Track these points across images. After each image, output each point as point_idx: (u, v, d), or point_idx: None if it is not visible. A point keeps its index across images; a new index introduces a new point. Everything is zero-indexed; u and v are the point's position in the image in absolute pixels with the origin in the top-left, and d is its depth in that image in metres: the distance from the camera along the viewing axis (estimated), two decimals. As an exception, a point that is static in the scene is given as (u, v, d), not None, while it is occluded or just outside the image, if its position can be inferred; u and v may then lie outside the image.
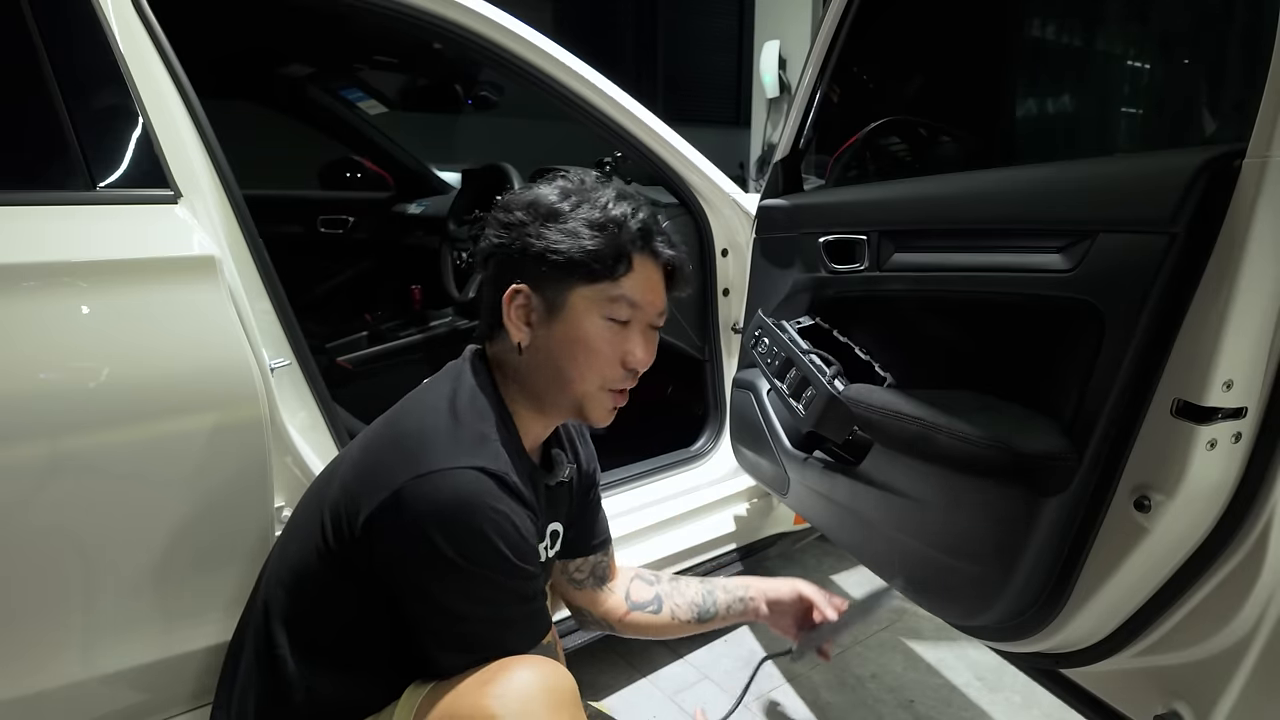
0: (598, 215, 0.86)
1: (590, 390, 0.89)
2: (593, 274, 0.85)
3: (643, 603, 1.17)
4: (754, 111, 5.54)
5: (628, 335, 0.88)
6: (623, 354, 0.88)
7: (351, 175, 2.91)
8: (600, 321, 0.86)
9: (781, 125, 1.64)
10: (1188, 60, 1.41)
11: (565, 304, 0.86)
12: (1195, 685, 0.93)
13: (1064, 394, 0.95)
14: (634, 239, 0.86)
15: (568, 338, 0.87)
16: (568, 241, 0.84)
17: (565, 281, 0.86)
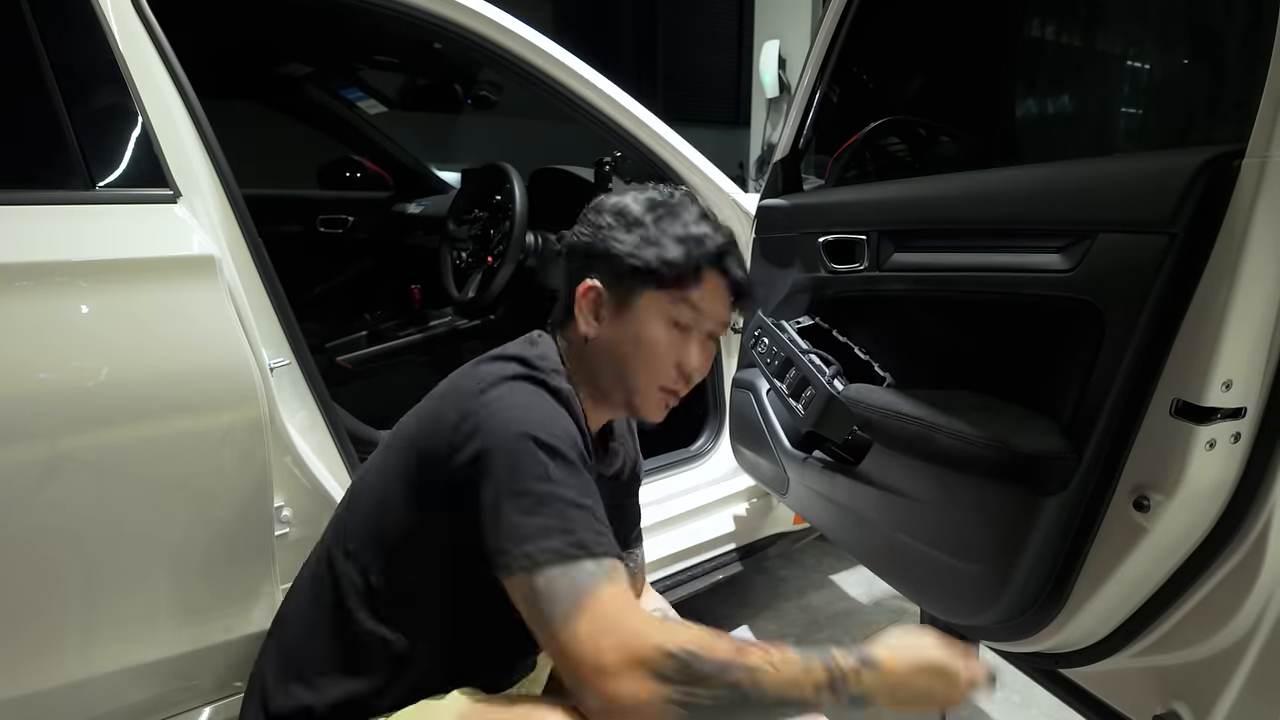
0: (680, 230, 0.91)
1: (646, 388, 0.93)
2: (665, 281, 0.90)
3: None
4: (754, 111, 5.55)
5: (687, 341, 0.93)
6: (680, 358, 0.92)
7: (351, 175, 2.91)
8: (664, 326, 0.91)
9: (781, 125, 1.64)
10: (1187, 60, 1.41)
11: (634, 304, 0.91)
12: (1194, 685, 0.94)
13: (1063, 394, 0.95)
14: (710, 256, 0.91)
15: (632, 336, 0.91)
16: (647, 249, 0.90)
17: (638, 284, 0.91)
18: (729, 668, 0.72)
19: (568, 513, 0.77)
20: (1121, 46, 1.58)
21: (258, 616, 1.09)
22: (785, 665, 0.74)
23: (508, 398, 0.82)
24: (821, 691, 0.75)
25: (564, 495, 0.77)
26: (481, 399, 0.82)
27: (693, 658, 0.71)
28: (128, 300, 0.95)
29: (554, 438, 0.80)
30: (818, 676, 0.75)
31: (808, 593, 2.09)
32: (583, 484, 0.80)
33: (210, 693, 1.12)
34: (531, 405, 0.83)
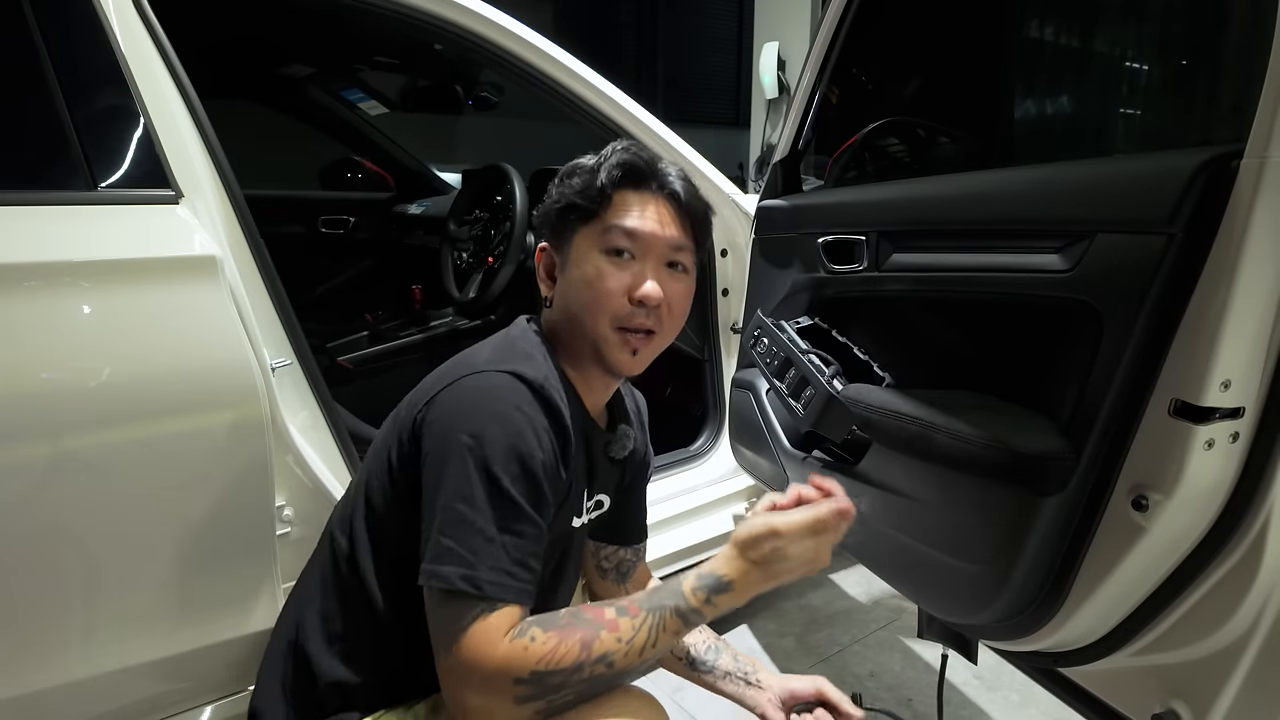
0: (591, 162, 0.91)
1: (603, 332, 0.88)
2: (583, 212, 0.89)
3: None
4: (753, 112, 5.54)
5: (633, 269, 0.88)
6: (628, 287, 0.87)
7: (352, 175, 2.91)
8: (600, 256, 0.88)
9: (780, 126, 1.64)
10: (1186, 61, 1.42)
11: (570, 247, 0.90)
12: (1193, 684, 0.94)
13: (1062, 394, 0.95)
14: (612, 170, 0.89)
15: (575, 279, 0.89)
16: (564, 188, 0.91)
17: (567, 226, 0.90)
18: (581, 667, 0.74)
19: (475, 543, 0.75)
20: (1120, 47, 1.58)
21: (259, 616, 1.09)
22: (639, 633, 0.77)
23: (468, 395, 0.81)
24: (681, 634, 0.80)
25: (478, 524, 0.75)
26: (444, 393, 0.82)
27: (543, 675, 0.73)
28: (130, 300, 0.96)
29: (495, 452, 0.77)
30: (673, 626, 0.79)
31: (807, 592, 2.09)
32: (508, 511, 0.76)
33: (211, 692, 1.13)
34: (488, 405, 0.80)
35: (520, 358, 0.85)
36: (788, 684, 1.07)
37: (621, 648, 0.76)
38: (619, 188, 0.89)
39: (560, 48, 1.63)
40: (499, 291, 2.03)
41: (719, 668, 1.11)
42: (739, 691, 1.09)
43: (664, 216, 0.90)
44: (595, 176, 0.89)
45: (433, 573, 0.75)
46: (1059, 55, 1.66)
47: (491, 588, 0.74)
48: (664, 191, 0.90)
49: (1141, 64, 1.55)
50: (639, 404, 1.13)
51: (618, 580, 1.15)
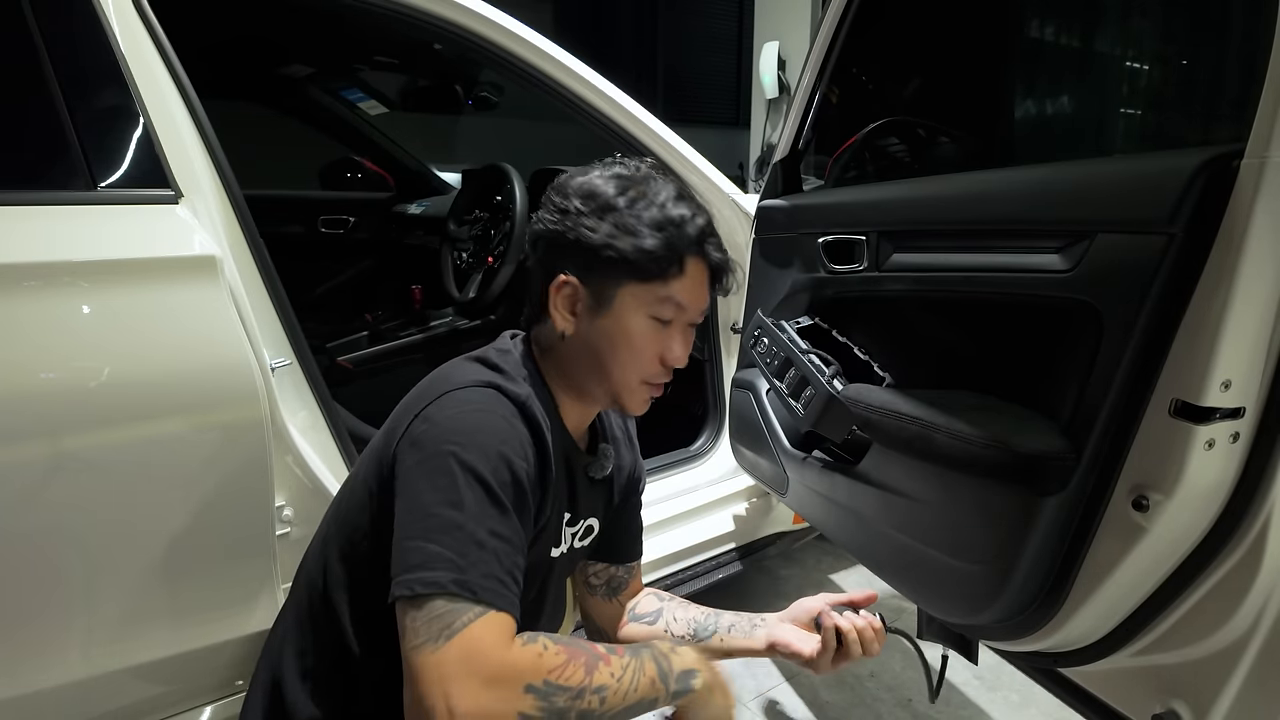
0: (657, 214, 0.85)
1: (629, 383, 0.89)
2: (645, 273, 0.85)
3: (642, 614, 1.12)
4: (753, 112, 5.55)
5: (669, 334, 0.89)
6: (662, 351, 0.88)
7: (352, 175, 2.91)
8: (645, 320, 0.87)
9: (781, 126, 1.64)
10: (1186, 61, 1.42)
11: (613, 299, 0.86)
12: (1193, 684, 0.94)
13: (1062, 394, 0.95)
14: (691, 243, 0.86)
15: (611, 332, 0.87)
16: (624, 239, 0.84)
17: (616, 277, 0.85)
18: (582, 694, 0.73)
19: (465, 548, 0.71)
20: (1120, 47, 1.58)
21: (259, 616, 1.09)
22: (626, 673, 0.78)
23: (452, 407, 0.79)
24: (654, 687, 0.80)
25: (468, 528, 0.72)
26: (429, 408, 0.80)
27: (553, 690, 0.71)
28: (129, 300, 0.95)
29: (482, 458, 0.74)
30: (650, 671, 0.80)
31: (807, 592, 2.09)
32: (496, 518, 0.74)
33: (211, 692, 1.13)
34: (473, 416, 0.78)
35: (502, 375, 0.84)
36: (797, 604, 1.05)
37: (613, 684, 0.76)
38: (689, 260, 0.86)
39: (560, 48, 1.62)
40: (499, 291, 2.03)
41: (720, 626, 1.07)
42: (746, 639, 1.04)
43: (706, 285, 0.90)
44: (670, 248, 0.84)
45: (418, 579, 0.69)
46: (1059, 55, 1.66)
47: (486, 593, 0.70)
48: (709, 261, 0.89)
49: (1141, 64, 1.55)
50: (626, 419, 1.11)
51: (607, 595, 1.12)
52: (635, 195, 0.86)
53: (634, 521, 1.13)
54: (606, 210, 0.85)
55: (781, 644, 1.00)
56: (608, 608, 1.13)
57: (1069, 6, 1.61)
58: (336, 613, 0.86)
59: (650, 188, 0.87)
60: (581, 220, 0.85)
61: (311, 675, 0.87)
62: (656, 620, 1.11)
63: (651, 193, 0.87)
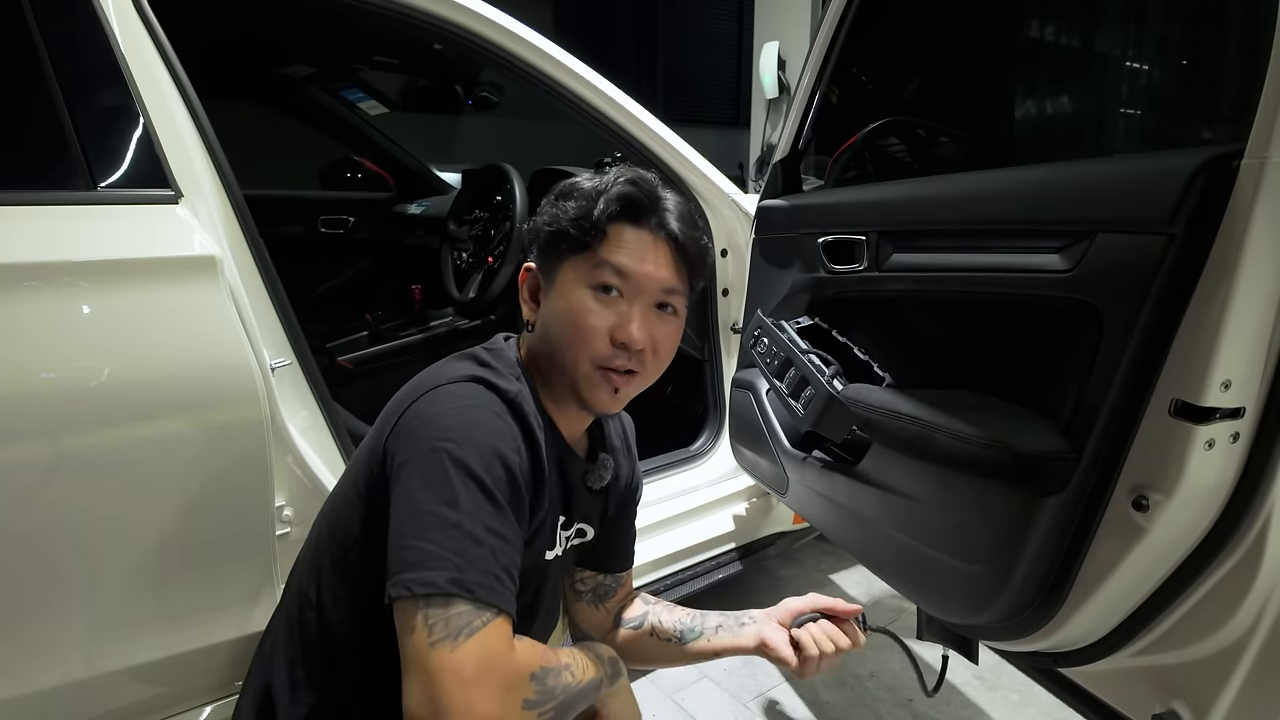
0: (588, 186, 0.87)
1: (583, 369, 0.85)
2: (574, 242, 0.84)
3: (629, 619, 1.11)
4: (753, 112, 5.55)
5: (618, 309, 0.84)
6: (611, 327, 0.83)
7: (352, 175, 2.92)
8: (586, 292, 0.84)
9: (781, 126, 1.64)
10: (1186, 61, 1.42)
11: (558, 276, 0.86)
12: (1193, 684, 0.94)
13: (1062, 394, 0.95)
14: (610, 204, 0.84)
15: (558, 310, 0.85)
16: (556, 211, 0.86)
17: (556, 253, 0.86)
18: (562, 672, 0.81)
19: (465, 547, 0.70)
20: (1120, 47, 1.58)
21: (258, 616, 1.09)
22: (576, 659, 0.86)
23: (443, 403, 0.78)
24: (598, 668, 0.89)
25: (464, 525, 0.71)
26: (418, 403, 0.79)
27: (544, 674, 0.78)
28: (129, 300, 0.95)
29: (476, 455, 0.73)
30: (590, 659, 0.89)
31: (807, 592, 2.09)
32: (493, 515, 0.73)
33: (210, 692, 1.12)
34: (465, 411, 0.77)
35: (492, 372, 0.83)
36: (784, 604, 1.03)
37: (574, 662, 0.84)
38: (616, 222, 0.84)
39: (560, 48, 1.62)
40: (499, 291, 2.03)
41: (707, 626, 1.05)
42: (734, 638, 1.03)
43: (660, 257, 0.85)
44: (592, 206, 0.84)
45: (417, 579, 0.69)
46: (1059, 55, 1.66)
47: (484, 591, 0.69)
48: (663, 231, 0.86)
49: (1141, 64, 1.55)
50: (625, 427, 1.10)
51: (594, 602, 1.11)
52: (587, 179, 0.88)
53: (627, 533, 1.12)
54: (561, 196, 0.88)
55: (771, 645, 0.99)
56: (594, 614, 1.12)
57: (1069, 6, 1.61)
58: (328, 621, 0.85)
59: (605, 173, 0.88)
60: (540, 211, 0.89)
61: (302, 684, 0.85)
62: (642, 624, 1.10)
63: (602, 175, 0.88)
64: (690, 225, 0.88)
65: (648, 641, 1.09)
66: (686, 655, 1.07)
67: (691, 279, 0.89)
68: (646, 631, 1.09)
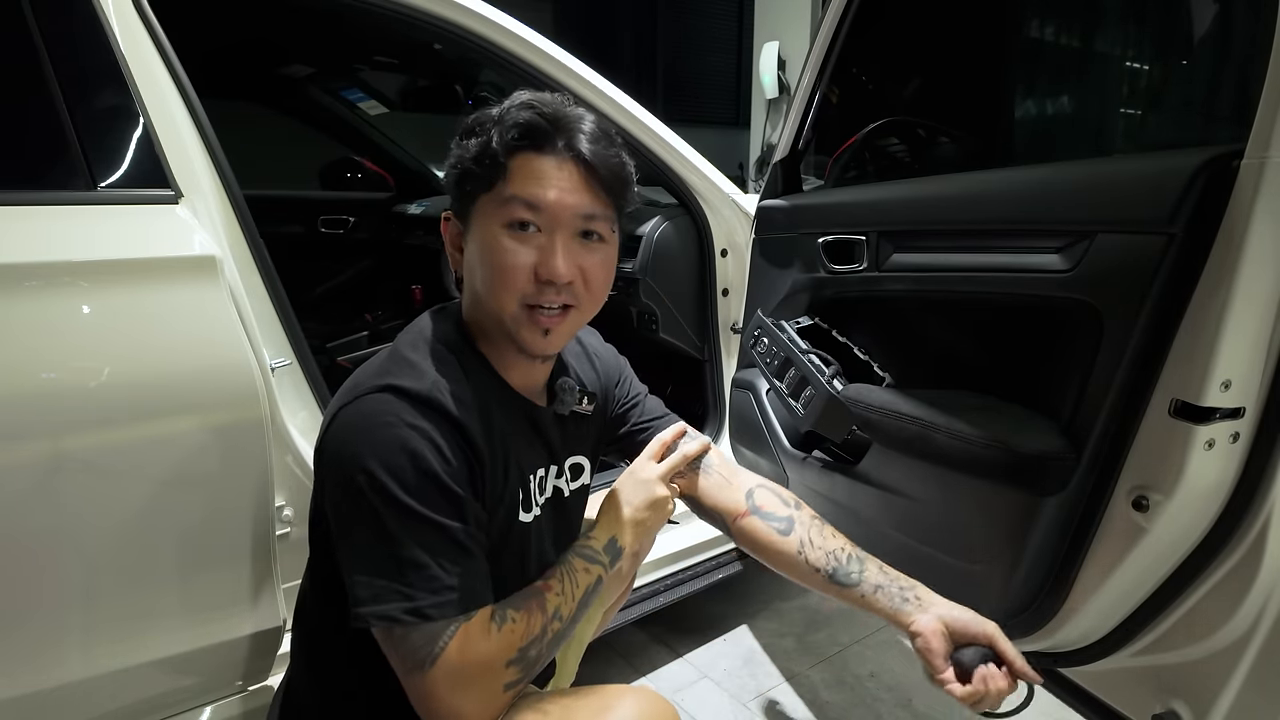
0: (486, 118, 0.80)
1: (511, 310, 0.81)
2: (479, 181, 0.79)
3: (770, 514, 1.01)
4: (753, 112, 5.55)
5: (538, 242, 0.79)
6: (534, 264, 0.79)
7: (352, 175, 2.92)
8: (500, 231, 0.79)
9: (780, 126, 1.64)
10: (1186, 61, 1.42)
11: (471, 220, 0.82)
12: (1193, 684, 0.94)
13: (1062, 394, 0.95)
14: (508, 133, 0.78)
15: (478, 255, 0.81)
16: (458, 152, 0.81)
17: (467, 196, 0.81)
18: (545, 630, 0.80)
19: (405, 573, 0.72)
20: (1120, 47, 1.58)
21: (259, 616, 1.09)
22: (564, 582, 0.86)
23: (352, 422, 0.76)
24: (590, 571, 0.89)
25: (402, 555, 0.72)
26: (333, 426, 0.78)
27: (526, 649, 0.78)
28: (129, 301, 0.95)
29: (392, 474, 0.72)
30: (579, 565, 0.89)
31: (807, 592, 2.09)
32: (425, 527, 0.73)
33: (211, 692, 1.12)
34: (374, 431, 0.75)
35: (403, 368, 0.79)
36: (953, 613, 0.88)
37: (560, 599, 0.84)
38: (518, 152, 0.78)
39: (560, 48, 1.62)
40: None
41: (866, 580, 0.93)
42: (894, 608, 0.90)
43: (573, 181, 0.79)
44: (490, 140, 0.78)
45: (372, 613, 0.72)
46: (1059, 55, 1.66)
47: (437, 609, 0.72)
48: (570, 153, 0.79)
49: (1141, 64, 1.55)
50: (583, 341, 1.05)
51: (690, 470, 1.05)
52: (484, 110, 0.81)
53: (646, 403, 1.08)
54: (463, 135, 0.82)
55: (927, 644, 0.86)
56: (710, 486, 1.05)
57: (1069, 6, 1.61)
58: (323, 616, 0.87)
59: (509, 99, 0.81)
60: (450, 154, 0.83)
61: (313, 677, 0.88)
62: (790, 532, 0.99)
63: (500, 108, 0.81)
64: (603, 143, 0.81)
65: (794, 560, 0.98)
66: (831, 590, 0.96)
67: (615, 201, 0.83)
68: (794, 549, 0.98)
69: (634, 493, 0.98)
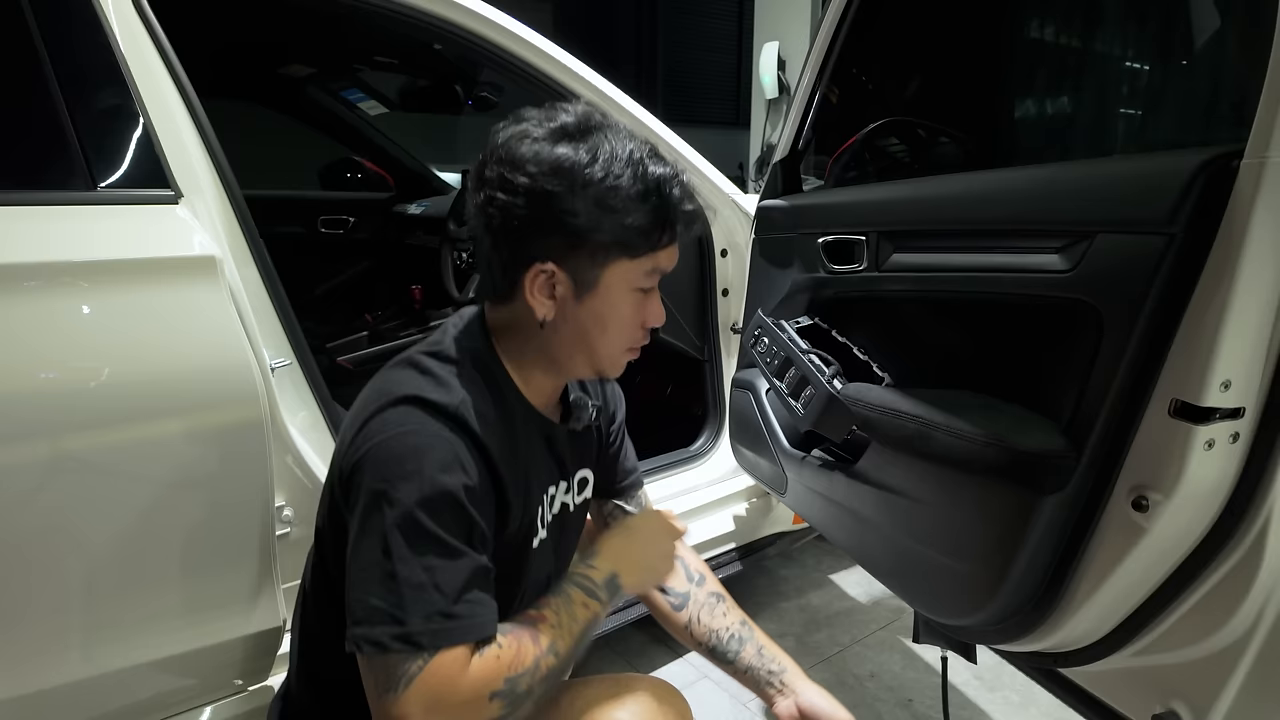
0: (638, 185, 0.78)
1: (615, 355, 0.87)
2: (635, 250, 0.80)
3: (670, 588, 1.06)
4: (753, 112, 5.55)
5: (649, 299, 0.85)
6: (644, 318, 0.86)
7: (352, 175, 2.92)
8: (633, 294, 0.83)
9: (780, 126, 1.64)
10: (1186, 61, 1.42)
11: (599, 279, 0.81)
12: (1193, 684, 0.94)
13: (1062, 394, 0.95)
14: (678, 206, 0.81)
15: (600, 312, 0.82)
16: (610, 218, 0.77)
17: (603, 258, 0.79)
18: (538, 664, 0.75)
19: (403, 597, 0.70)
20: (1120, 48, 1.58)
21: (259, 616, 1.09)
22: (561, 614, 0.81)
23: (376, 435, 0.75)
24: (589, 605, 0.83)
25: (401, 574, 0.70)
26: (358, 439, 0.77)
27: (514, 681, 0.73)
28: (129, 301, 0.95)
29: (412, 491, 0.71)
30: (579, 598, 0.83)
31: (807, 592, 2.09)
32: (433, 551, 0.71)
33: (211, 692, 1.13)
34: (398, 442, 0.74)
35: (431, 381, 0.79)
36: (814, 701, 0.97)
37: (556, 632, 0.79)
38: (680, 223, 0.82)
39: (560, 47, 1.62)
40: (499, 291, 2.02)
41: (740, 660, 1.02)
42: (759, 689, 1.02)
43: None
44: (659, 220, 0.79)
45: (363, 635, 0.70)
46: (1059, 55, 1.66)
47: (425, 637, 0.69)
48: (689, 234, 0.85)
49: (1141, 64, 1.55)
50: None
51: None
52: (605, 158, 0.77)
53: (622, 448, 1.09)
54: (582, 185, 0.76)
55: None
56: None
57: (1068, 6, 1.61)
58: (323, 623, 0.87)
59: (613, 145, 0.78)
60: (556, 202, 0.76)
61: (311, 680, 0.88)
62: (683, 608, 1.06)
63: (620, 152, 0.78)
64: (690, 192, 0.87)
65: (683, 631, 1.06)
66: (712, 660, 1.07)
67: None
68: (683, 622, 1.05)
69: (655, 537, 0.95)
